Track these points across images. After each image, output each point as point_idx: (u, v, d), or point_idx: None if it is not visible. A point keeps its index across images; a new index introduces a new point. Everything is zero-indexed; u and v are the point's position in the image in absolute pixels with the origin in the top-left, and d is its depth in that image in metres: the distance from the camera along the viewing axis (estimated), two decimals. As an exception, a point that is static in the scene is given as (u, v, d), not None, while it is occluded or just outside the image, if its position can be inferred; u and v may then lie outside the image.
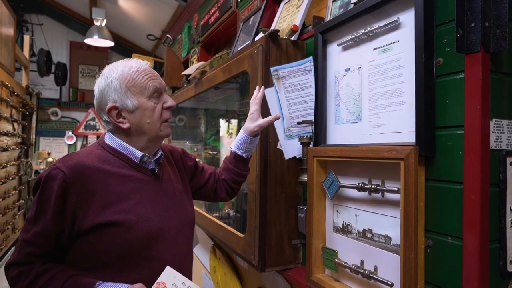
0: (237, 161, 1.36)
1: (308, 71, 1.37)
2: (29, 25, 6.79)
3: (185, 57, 3.33)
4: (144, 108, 1.06)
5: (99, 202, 0.98)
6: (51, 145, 7.36)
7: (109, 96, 1.05)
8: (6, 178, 2.43)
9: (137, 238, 1.00)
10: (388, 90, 1.07)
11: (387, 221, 1.03)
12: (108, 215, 0.98)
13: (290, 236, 1.44)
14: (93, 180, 0.99)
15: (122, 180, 1.04)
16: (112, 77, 1.06)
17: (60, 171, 0.96)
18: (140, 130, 1.08)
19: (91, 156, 1.05)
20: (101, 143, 1.11)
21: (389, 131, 1.06)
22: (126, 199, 1.02)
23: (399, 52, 1.04)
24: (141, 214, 1.03)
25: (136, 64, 1.08)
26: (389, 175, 1.03)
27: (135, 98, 1.05)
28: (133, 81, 1.06)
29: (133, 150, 1.09)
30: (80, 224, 0.97)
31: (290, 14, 1.70)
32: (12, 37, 2.67)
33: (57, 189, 0.95)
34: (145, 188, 1.08)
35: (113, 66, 1.10)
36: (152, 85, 1.07)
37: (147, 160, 1.11)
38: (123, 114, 1.06)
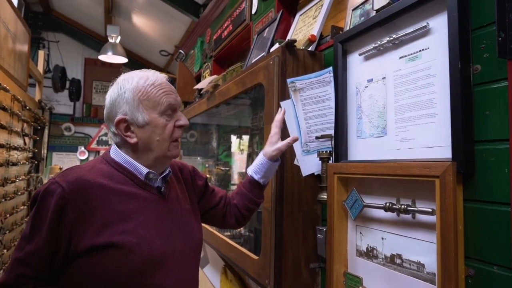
0: (252, 186, 1.26)
1: (327, 83, 1.29)
2: (46, 42, 6.93)
3: (198, 72, 3.31)
4: (155, 124, 0.99)
5: (98, 221, 0.90)
6: (64, 160, 7.39)
7: (120, 107, 0.99)
8: (14, 193, 2.39)
9: (138, 262, 0.91)
10: (417, 101, 0.98)
11: (419, 246, 0.93)
12: (107, 236, 0.90)
13: (308, 259, 1.34)
14: (93, 196, 0.92)
15: (124, 198, 0.96)
16: (126, 88, 0.99)
17: (58, 186, 0.89)
18: (147, 147, 1.01)
19: (93, 171, 0.97)
20: (106, 157, 1.04)
21: (419, 146, 0.97)
22: (127, 219, 0.94)
23: (429, 60, 0.95)
24: (143, 236, 0.94)
25: (152, 77, 1.02)
26: (421, 194, 0.94)
27: (146, 112, 0.99)
28: (147, 95, 0.99)
29: (139, 166, 1.01)
30: (77, 244, 0.88)
31: (307, 25, 1.64)
32: (26, 52, 2.68)
33: (54, 205, 0.87)
34: (149, 208, 0.99)
35: (128, 76, 1.03)
36: (166, 100, 1.00)
37: (153, 177, 1.03)
38: (132, 128, 0.99)
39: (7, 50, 2.20)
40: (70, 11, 6.92)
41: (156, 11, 5.04)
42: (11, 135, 2.22)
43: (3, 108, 1.97)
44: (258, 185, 1.26)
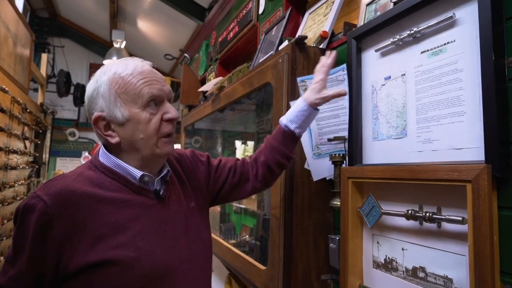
0: (286, 138, 1.08)
1: (341, 81, 1.21)
2: (51, 47, 6.94)
3: (203, 75, 3.25)
4: (136, 120, 0.85)
5: (89, 236, 0.79)
6: (68, 165, 7.35)
7: (96, 103, 0.86)
8: (13, 198, 2.32)
9: (138, 279, 0.80)
10: (442, 99, 0.89)
11: (446, 258, 0.84)
12: (99, 253, 0.78)
13: (319, 270, 1.25)
14: (82, 208, 0.80)
15: (117, 206, 0.84)
16: (102, 81, 0.86)
17: (39, 200, 0.77)
18: (132, 146, 0.88)
19: (80, 179, 0.85)
20: (94, 161, 0.91)
21: (444, 148, 0.88)
22: (122, 230, 0.82)
23: (455, 53, 0.87)
24: (142, 248, 0.82)
25: (132, 65, 0.88)
26: (447, 201, 0.85)
27: (125, 107, 0.85)
28: (125, 87, 0.85)
29: (131, 169, 0.88)
30: (67, 264, 0.77)
31: (317, 23, 1.57)
32: (28, 54, 2.63)
33: (35, 223, 0.76)
34: (147, 215, 0.87)
35: (106, 66, 0.90)
36: (148, 92, 0.85)
37: (149, 180, 0.90)
38: (112, 126, 0.87)
39: (7, 51, 2.15)
40: (76, 16, 6.94)
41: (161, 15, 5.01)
42: (10, 138, 2.16)
43: (2, 110, 1.91)
44: (292, 136, 1.09)
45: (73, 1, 6.17)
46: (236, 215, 2.36)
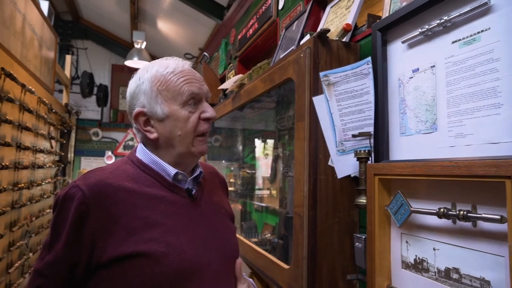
0: None
1: (365, 75, 1.17)
2: (75, 49, 7.12)
3: (222, 73, 3.25)
4: (176, 117, 0.89)
5: (122, 228, 0.81)
6: (92, 164, 7.53)
7: (138, 99, 0.90)
8: (41, 196, 2.39)
9: (166, 274, 0.80)
10: (476, 91, 0.85)
11: (482, 259, 0.79)
12: (132, 245, 0.79)
13: (345, 270, 1.21)
14: (117, 201, 0.82)
15: (151, 202, 0.86)
16: (144, 78, 0.90)
17: (79, 189, 0.80)
18: (169, 142, 0.90)
19: (117, 173, 0.88)
20: (132, 156, 0.95)
21: (479, 142, 0.84)
22: (154, 225, 0.83)
23: (490, 42, 0.82)
24: (172, 244, 0.83)
25: (173, 64, 0.92)
26: (483, 198, 0.80)
27: (166, 104, 0.89)
28: (166, 84, 0.89)
29: (166, 167, 0.91)
30: (100, 255, 0.79)
31: (339, 16, 1.53)
32: (52, 56, 2.70)
33: (74, 211, 0.79)
34: (178, 213, 0.89)
35: (148, 65, 0.95)
36: (188, 90, 0.89)
37: (182, 179, 0.92)
38: (152, 122, 0.90)
39: (34, 53, 2.20)
40: (98, 19, 7.09)
41: (180, 15, 5.05)
42: (37, 137, 2.22)
43: (29, 110, 1.96)
44: None
45: (95, 3, 6.30)
46: (258, 213, 2.35)
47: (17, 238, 1.95)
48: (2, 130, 1.64)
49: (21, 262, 1.98)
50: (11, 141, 1.70)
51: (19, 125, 1.84)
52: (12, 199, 1.85)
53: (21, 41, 1.95)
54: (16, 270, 1.91)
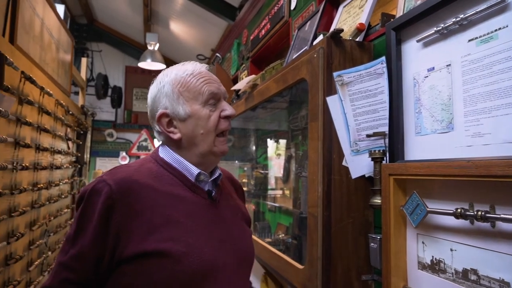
0: None
1: (380, 75, 1.17)
2: (90, 51, 7.25)
3: (235, 74, 3.26)
4: (197, 116, 0.92)
5: (145, 225, 0.83)
6: (106, 165, 7.66)
7: (160, 102, 0.93)
8: (59, 196, 2.44)
9: (185, 273, 0.82)
10: (494, 89, 0.83)
11: (501, 260, 0.78)
12: (153, 243, 0.82)
13: (359, 270, 1.21)
14: (141, 198, 0.85)
15: (173, 201, 0.89)
16: (165, 82, 0.94)
17: (106, 184, 0.83)
18: (192, 141, 0.93)
19: (142, 170, 0.91)
20: (155, 156, 0.97)
21: (497, 142, 0.82)
22: (176, 224, 0.86)
23: (508, 40, 0.81)
24: (192, 244, 0.85)
25: (191, 67, 0.96)
26: (502, 198, 0.79)
27: (187, 104, 0.92)
28: (186, 85, 0.93)
29: (189, 166, 0.94)
30: (123, 249, 0.81)
31: (352, 16, 1.52)
32: (69, 59, 2.75)
33: (101, 205, 0.81)
34: (199, 213, 0.91)
35: (167, 70, 0.98)
36: (208, 89, 0.93)
37: (204, 180, 0.95)
38: (174, 122, 0.93)
39: (51, 56, 2.25)
40: (112, 21, 7.20)
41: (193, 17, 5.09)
42: (55, 139, 2.27)
43: (47, 113, 2.01)
44: None
45: (109, 6, 6.40)
46: (271, 214, 2.35)
47: (37, 237, 2.00)
48: (22, 132, 1.68)
49: (41, 260, 2.03)
50: (30, 143, 1.75)
51: (38, 127, 1.88)
52: (32, 199, 1.89)
53: (40, 45, 2.00)
54: (36, 268, 1.96)
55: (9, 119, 1.51)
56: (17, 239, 1.64)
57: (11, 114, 1.49)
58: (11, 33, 1.60)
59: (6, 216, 1.54)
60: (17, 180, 1.66)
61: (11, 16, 1.59)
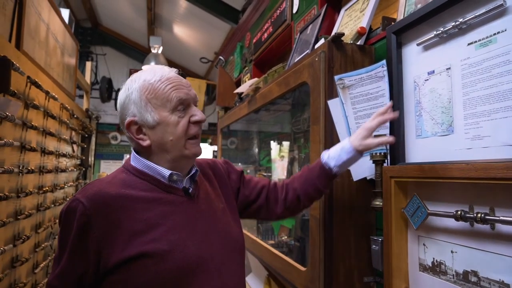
0: (322, 174, 1.09)
1: (380, 78, 1.18)
2: (94, 55, 7.31)
3: (238, 77, 3.28)
4: (166, 123, 0.91)
5: (125, 233, 0.84)
6: (111, 167, 7.71)
7: (128, 109, 0.93)
8: (63, 199, 2.46)
9: (171, 271, 0.84)
10: (493, 93, 0.84)
11: (502, 262, 0.79)
12: (136, 247, 0.83)
13: (361, 272, 1.22)
14: (117, 208, 0.86)
15: (149, 204, 0.90)
16: (133, 88, 0.93)
17: (79, 202, 0.83)
18: (162, 148, 0.93)
19: (114, 182, 0.92)
20: (126, 165, 0.98)
21: (496, 144, 0.83)
22: (155, 226, 0.87)
23: (507, 43, 0.82)
24: (174, 241, 0.87)
25: (160, 72, 0.94)
26: (501, 200, 0.80)
27: (156, 111, 0.91)
28: (154, 92, 0.91)
29: (160, 169, 0.93)
30: (106, 261, 0.83)
31: (353, 19, 1.53)
32: (74, 63, 2.78)
33: (76, 224, 0.82)
34: (177, 211, 0.92)
35: (136, 75, 0.97)
36: (176, 96, 0.91)
37: (178, 179, 0.95)
38: (144, 130, 0.92)
39: (56, 61, 2.28)
40: (116, 25, 7.26)
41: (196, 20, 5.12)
42: (60, 142, 2.29)
43: (52, 116, 2.03)
44: (329, 174, 1.09)
45: (113, 10, 6.46)
46: (274, 216, 2.36)
47: (42, 239, 2.02)
48: (28, 136, 1.70)
49: (46, 263, 2.05)
50: (36, 146, 1.77)
51: (43, 131, 1.91)
52: (38, 202, 1.92)
53: (45, 50, 2.03)
54: (41, 271, 1.98)
55: (15, 123, 1.53)
56: (23, 241, 1.66)
57: (17, 118, 1.51)
58: (17, 39, 1.63)
59: (12, 219, 1.56)
60: (23, 183, 1.68)
61: (17, 22, 1.62)
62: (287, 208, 1.15)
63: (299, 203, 1.14)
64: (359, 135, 1.06)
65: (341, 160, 1.07)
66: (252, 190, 1.17)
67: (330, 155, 1.09)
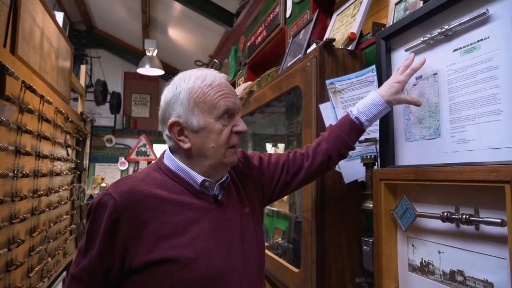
0: (352, 129, 1.07)
1: (370, 82, 1.20)
2: (88, 58, 7.29)
3: (232, 80, 3.30)
4: (210, 129, 0.91)
5: (152, 234, 0.84)
6: (106, 170, 7.68)
7: (174, 109, 0.92)
8: (58, 202, 2.46)
9: (194, 279, 0.84)
10: (477, 98, 0.87)
11: (485, 261, 0.81)
12: (162, 251, 0.83)
13: (353, 273, 1.24)
14: (147, 208, 0.86)
15: (179, 208, 0.89)
16: (182, 88, 0.91)
17: (111, 197, 0.84)
18: (202, 153, 0.93)
19: (147, 180, 0.91)
20: (160, 163, 0.98)
21: (480, 148, 0.86)
22: (183, 232, 0.87)
23: (490, 50, 0.85)
24: (199, 250, 0.86)
25: (211, 76, 0.93)
26: (485, 202, 0.82)
27: (202, 116, 0.90)
28: (204, 97, 0.90)
29: (193, 174, 0.93)
30: (132, 260, 0.83)
31: (345, 24, 1.56)
32: (68, 67, 2.79)
33: (107, 218, 0.83)
34: (206, 219, 0.91)
35: (185, 74, 0.95)
36: (224, 104, 0.91)
37: (209, 185, 0.95)
38: (186, 132, 0.92)
39: (51, 65, 2.29)
40: (111, 28, 7.25)
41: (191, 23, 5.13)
42: (54, 146, 2.29)
43: (47, 120, 2.04)
44: (359, 129, 1.07)
45: (107, 13, 6.45)
46: (269, 218, 2.38)
47: (37, 243, 2.02)
48: (23, 140, 1.71)
49: (41, 266, 2.05)
50: (31, 150, 1.78)
51: (38, 135, 1.91)
52: (32, 205, 1.92)
53: (40, 54, 2.04)
54: (36, 275, 1.98)
55: (10, 128, 1.54)
56: (18, 245, 1.66)
57: (12, 123, 1.52)
58: (12, 44, 1.63)
59: (7, 223, 1.56)
60: (18, 187, 1.69)
61: (12, 27, 1.63)
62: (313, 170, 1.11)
63: (329, 163, 1.11)
64: (390, 89, 1.04)
65: (372, 113, 1.06)
66: (275, 172, 1.13)
67: (360, 109, 1.07)
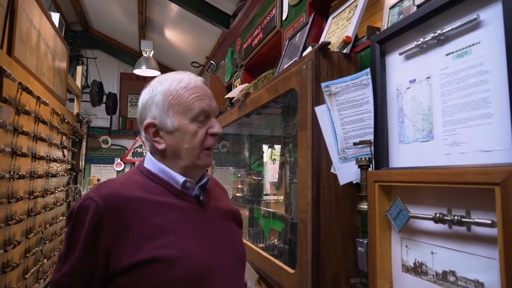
0: None
1: (365, 85, 1.22)
2: (85, 59, 7.26)
3: (229, 81, 3.31)
4: (184, 131, 0.93)
5: (136, 236, 0.85)
6: (101, 171, 7.65)
7: (150, 110, 0.94)
8: (54, 204, 2.46)
9: (180, 278, 0.84)
10: (469, 101, 0.89)
11: (477, 262, 0.83)
12: (146, 251, 0.84)
13: (348, 274, 1.25)
14: (129, 210, 0.86)
15: (162, 209, 0.90)
16: (158, 91, 0.94)
17: (92, 201, 0.84)
18: (176, 154, 0.95)
19: (128, 183, 0.92)
20: (140, 167, 0.99)
21: (472, 150, 0.88)
22: (167, 232, 0.88)
23: (481, 55, 0.86)
24: (185, 249, 0.87)
25: (186, 79, 0.96)
26: (476, 204, 0.84)
27: (176, 118, 0.93)
28: (178, 98, 0.93)
29: (174, 175, 0.95)
30: (116, 262, 0.83)
31: (340, 27, 1.58)
32: (65, 68, 2.79)
33: (88, 222, 0.83)
34: (189, 219, 0.93)
35: (162, 77, 0.98)
36: (198, 106, 0.93)
37: (190, 186, 0.96)
38: (161, 133, 0.94)
39: (47, 66, 2.29)
40: (107, 28, 7.24)
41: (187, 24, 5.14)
42: (50, 147, 2.30)
43: (43, 122, 2.04)
44: None
45: (104, 14, 6.44)
46: (265, 219, 2.39)
47: (33, 244, 2.02)
48: (19, 141, 1.71)
49: (36, 268, 2.05)
50: (27, 152, 1.78)
51: (34, 136, 1.91)
52: (28, 207, 1.92)
53: (36, 55, 2.04)
54: (31, 276, 1.98)
55: (6, 129, 1.54)
56: (14, 247, 1.66)
57: (9, 124, 1.53)
58: (8, 45, 1.64)
59: (3, 224, 1.56)
60: (14, 188, 1.69)
61: (9, 29, 1.63)
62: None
63: None
64: None
65: None
66: None
67: None
